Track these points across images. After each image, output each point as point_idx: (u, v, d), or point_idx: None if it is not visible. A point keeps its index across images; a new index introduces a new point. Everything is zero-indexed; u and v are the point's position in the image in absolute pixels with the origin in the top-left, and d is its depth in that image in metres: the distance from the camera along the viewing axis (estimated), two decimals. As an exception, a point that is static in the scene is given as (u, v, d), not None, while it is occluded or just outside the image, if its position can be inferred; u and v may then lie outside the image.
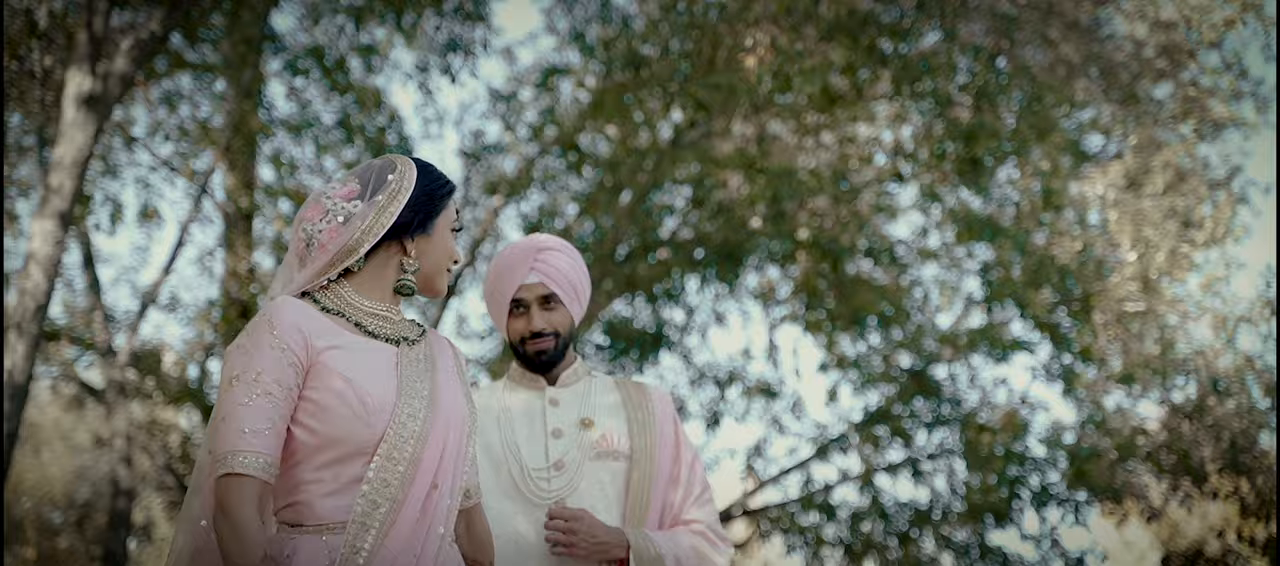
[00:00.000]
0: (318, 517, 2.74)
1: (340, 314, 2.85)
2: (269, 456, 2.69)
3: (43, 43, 10.97)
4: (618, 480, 3.67)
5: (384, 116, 12.41)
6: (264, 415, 2.69)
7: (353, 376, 2.76)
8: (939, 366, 12.69)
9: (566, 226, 12.47)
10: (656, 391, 3.83)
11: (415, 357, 2.88)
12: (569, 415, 3.72)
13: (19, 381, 9.34)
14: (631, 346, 12.12)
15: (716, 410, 12.87)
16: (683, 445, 3.77)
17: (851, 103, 11.36)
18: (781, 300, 12.90)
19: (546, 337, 3.69)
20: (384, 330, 2.88)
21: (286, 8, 12.12)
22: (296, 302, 2.81)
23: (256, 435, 2.68)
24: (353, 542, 2.69)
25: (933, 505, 12.46)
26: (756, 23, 10.09)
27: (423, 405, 2.80)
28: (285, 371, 2.72)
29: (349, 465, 2.75)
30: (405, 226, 2.87)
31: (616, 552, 3.55)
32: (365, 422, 2.74)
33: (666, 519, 3.71)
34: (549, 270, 3.68)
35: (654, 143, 11.80)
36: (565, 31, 12.35)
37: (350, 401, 2.74)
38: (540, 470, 3.64)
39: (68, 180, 9.51)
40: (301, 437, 2.75)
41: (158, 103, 12.53)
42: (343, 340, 2.80)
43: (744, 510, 13.40)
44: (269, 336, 2.73)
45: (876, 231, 12.54)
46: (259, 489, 2.68)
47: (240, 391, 2.70)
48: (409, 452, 2.75)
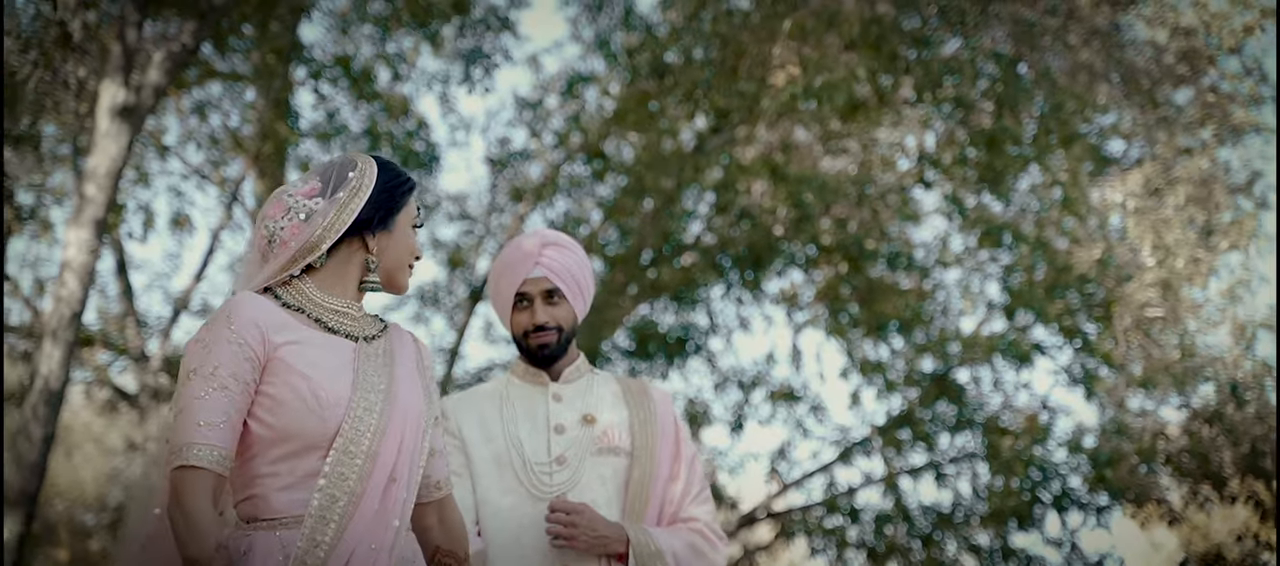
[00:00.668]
0: (273, 511, 2.78)
1: (300, 309, 2.89)
2: (223, 449, 2.73)
3: (77, 54, 11.16)
4: (618, 476, 3.71)
5: (411, 123, 12.57)
6: (219, 408, 2.73)
7: (308, 371, 2.79)
8: (961, 370, 12.77)
9: (592, 232, 12.60)
10: (657, 390, 3.88)
11: (374, 353, 2.91)
12: (572, 411, 3.75)
13: (54, 387, 9.53)
14: (656, 351, 12.23)
15: (741, 414, 12.97)
16: (683, 443, 3.80)
17: (875, 109, 11.45)
18: (805, 305, 13.00)
19: (549, 331, 3.72)
20: (344, 326, 2.91)
21: (315, 18, 12.29)
22: (256, 298, 2.85)
23: (211, 428, 2.72)
24: (312, 536, 2.72)
25: (955, 508, 12.54)
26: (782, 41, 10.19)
27: (379, 399, 2.84)
28: (242, 366, 2.75)
29: (304, 459, 2.78)
30: (366, 223, 2.91)
31: (616, 547, 3.59)
32: (319, 417, 2.77)
33: (665, 516, 3.75)
34: (553, 265, 3.72)
35: (678, 149, 11.91)
36: (590, 39, 12.50)
37: (304, 396, 2.77)
38: (542, 464, 3.68)
39: (102, 189, 9.69)
40: (258, 431, 2.78)
41: (189, 112, 12.72)
42: (300, 335, 2.84)
43: (768, 512, 13.50)
44: (226, 331, 2.77)
45: (901, 236, 12.64)
46: (213, 481, 2.71)
47: (196, 385, 2.74)
48: (366, 446, 2.78)
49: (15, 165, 12.09)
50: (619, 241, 12.34)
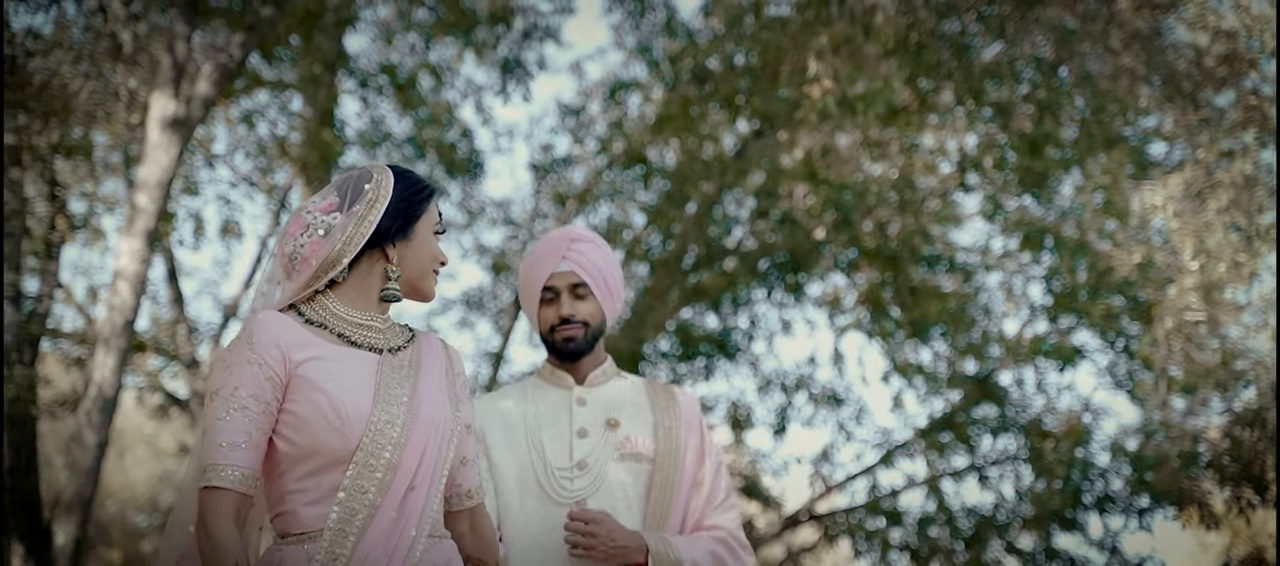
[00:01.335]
0: (302, 526, 2.79)
1: (323, 325, 2.89)
2: (245, 469, 2.75)
3: (128, 65, 11.35)
4: (640, 482, 3.66)
5: (455, 131, 12.71)
6: (240, 429, 2.75)
7: (329, 387, 2.80)
8: (1004, 373, 12.81)
9: (635, 237, 12.71)
10: (684, 395, 3.82)
11: (398, 364, 2.91)
12: (596, 415, 3.71)
13: (108, 395, 9.71)
14: (697, 353, 12.32)
15: (784, 416, 13.04)
16: (708, 450, 3.75)
17: (914, 113, 11.50)
18: (847, 309, 13.05)
19: (575, 325, 3.69)
20: (367, 339, 2.91)
21: (360, 28, 12.44)
22: (277, 316, 2.86)
23: (233, 449, 2.74)
24: (331, 549, 2.74)
25: (997, 510, 12.57)
26: (820, 55, 10.26)
27: (402, 411, 2.84)
28: (262, 386, 2.77)
29: (328, 474, 2.79)
30: (385, 233, 2.91)
31: (635, 556, 3.53)
32: (340, 432, 2.78)
33: (689, 523, 3.69)
34: (580, 259, 3.70)
35: (719, 154, 12.00)
36: (633, 46, 12.60)
37: (325, 412, 2.78)
38: (564, 469, 3.64)
39: (153, 200, 9.88)
40: (283, 449, 2.81)
41: (237, 121, 12.90)
42: (322, 351, 2.84)
43: (811, 515, 13.56)
44: (247, 352, 2.79)
45: (942, 238, 12.69)
46: (236, 501, 2.75)
47: (219, 406, 2.77)
48: (387, 458, 2.79)
49: (68, 174, 12.30)
50: (661, 246, 12.43)
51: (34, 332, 11.29)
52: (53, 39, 11.87)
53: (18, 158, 11.65)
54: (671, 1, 12.25)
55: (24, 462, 10.79)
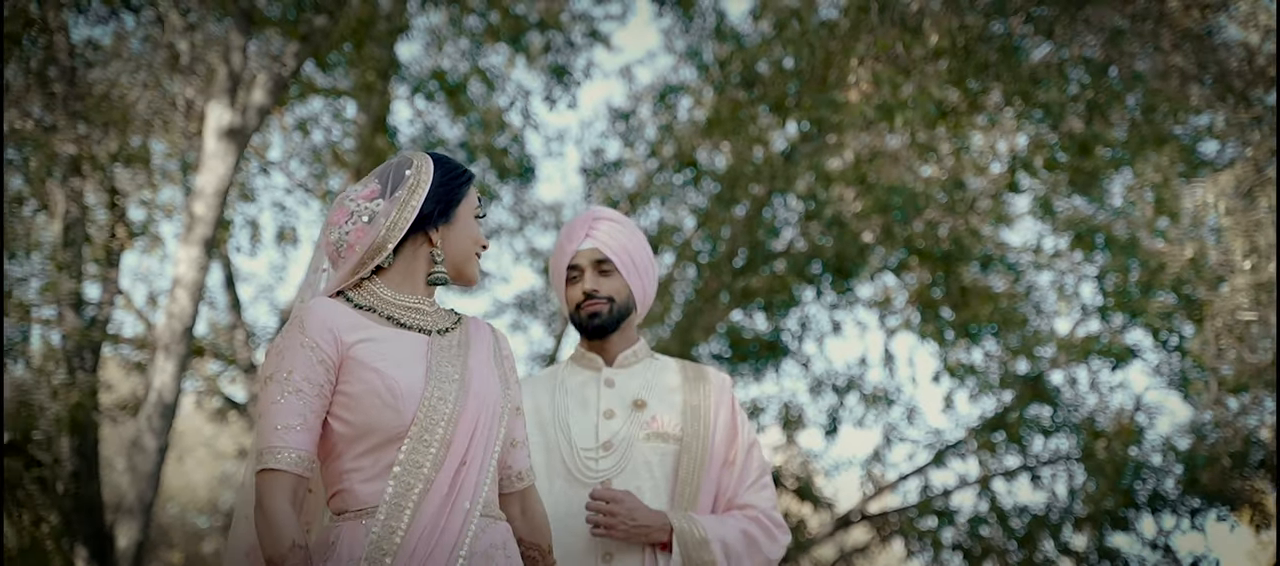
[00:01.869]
0: (360, 502, 2.83)
1: (372, 309, 2.94)
2: (300, 451, 2.80)
3: (184, 75, 11.54)
4: (666, 463, 3.64)
5: (506, 136, 12.83)
6: (295, 412, 2.80)
7: (381, 366, 2.84)
8: (1056, 372, 12.80)
9: (685, 240, 12.78)
10: (716, 375, 3.78)
11: (448, 344, 2.95)
12: (623, 396, 3.69)
13: (168, 401, 9.89)
14: (749, 355, 12.38)
15: (835, 417, 13.08)
16: (740, 430, 3.71)
17: (964, 113, 11.52)
18: (897, 310, 13.08)
19: (599, 300, 3.67)
20: (416, 321, 2.96)
21: (412, 35, 12.58)
22: (328, 302, 2.92)
23: (288, 431, 2.79)
24: (388, 522, 2.77)
25: (1049, 510, 12.57)
26: (861, 61, 10.30)
27: (453, 388, 2.88)
28: (314, 369, 2.82)
29: (385, 452, 2.83)
30: (428, 218, 2.96)
31: (658, 535, 3.52)
32: (395, 409, 2.82)
33: (721, 503, 3.66)
34: (603, 237, 3.68)
35: (768, 157, 12.06)
36: (682, 50, 12.68)
37: (379, 390, 2.82)
38: (589, 450, 3.63)
39: (210, 208, 10.05)
40: (339, 430, 2.85)
41: (292, 128, 13.07)
42: (373, 333, 2.89)
43: (863, 515, 13.60)
44: (299, 336, 2.84)
45: (993, 237, 12.70)
46: (292, 482, 2.79)
47: (273, 390, 2.82)
48: (440, 434, 2.83)
49: (127, 182, 12.50)
50: (711, 250, 12.50)
51: (95, 339, 11.49)
52: (112, 50, 12.09)
53: (78, 167, 11.87)
54: (721, 6, 12.33)
55: (87, 467, 10.99)
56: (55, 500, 10.97)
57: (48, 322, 12.05)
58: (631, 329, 3.77)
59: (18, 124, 11.62)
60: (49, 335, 12.29)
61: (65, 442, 10.96)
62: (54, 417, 10.75)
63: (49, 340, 12.26)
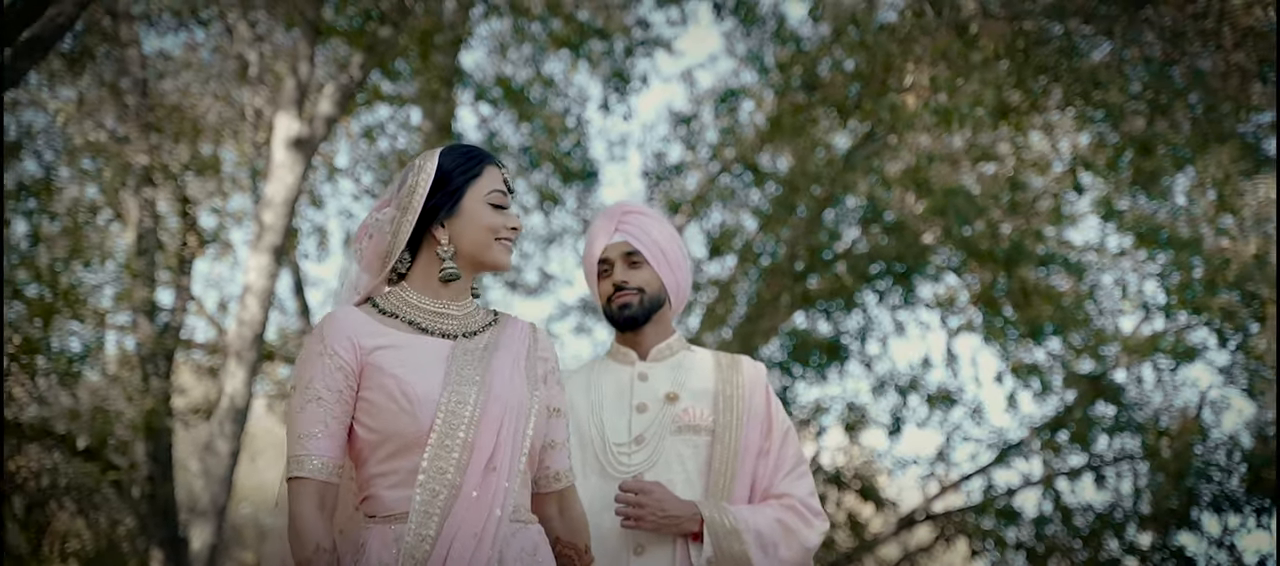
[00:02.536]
0: (386, 508, 2.84)
1: (395, 314, 2.94)
2: (323, 457, 2.82)
3: (253, 85, 11.77)
4: (699, 455, 3.61)
5: (569, 141, 12.97)
6: (316, 419, 2.82)
7: (399, 372, 2.85)
8: (1120, 371, 12.79)
9: (746, 242, 12.87)
10: (749, 365, 3.75)
11: (473, 348, 2.93)
12: (656, 389, 3.67)
13: (239, 406, 10.11)
14: (810, 359, 12.44)
15: (898, 417, 13.11)
16: (775, 419, 3.69)
17: (1023, 113, 11.53)
18: (959, 308, 13.10)
19: (629, 291, 3.65)
20: (437, 325, 2.94)
21: (475, 42, 12.75)
22: (348, 310, 2.93)
23: (310, 438, 2.82)
24: (418, 531, 2.77)
25: (1113, 508, 12.56)
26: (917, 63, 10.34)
27: (473, 390, 2.86)
28: (333, 376, 2.84)
29: (407, 457, 2.84)
30: (433, 213, 2.94)
31: (688, 526, 3.49)
32: (411, 415, 2.82)
33: (757, 492, 3.63)
34: (633, 229, 3.68)
35: (830, 159, 12.13)
36: (743, 54, 12.77)
37: (396, 396, 2.83)
38: (622, 445, 3.62)
39: (278, 217, 10.25)
40: (363, 436, 2.87)
41: (358, 136, 13.27)
42: (393, 339, 2.90)
43: (927, 515, 13.64)
44: (319, 345, 2.87)
45: (1056, 236, 12.70)
46: (317, 488, 2.81)
47: (295, 401, 2.86)
48: (462, 437, 2.82)
49: (198, 190, 12.75)
50: (772, 254, 12.58)
51: (168, 345, 11.72)
52: (182, 60, 12.34)
53: (150, 177, 12.11)
54: (781, 9, 12.40)
55: (161, 471, 11.23)
56: (131, 503, 11.21)
57: (122, 329, 12.31)
58: (666, 321, 3.74)
59: (92, 136, 11.89)
60: (124, 341, 12.57)
61: (140, 447, 11.20)
62: (129, 423, 10.99)
63: (124, 346, 12.53)
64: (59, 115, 11.80)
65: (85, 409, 11.08)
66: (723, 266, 13.28)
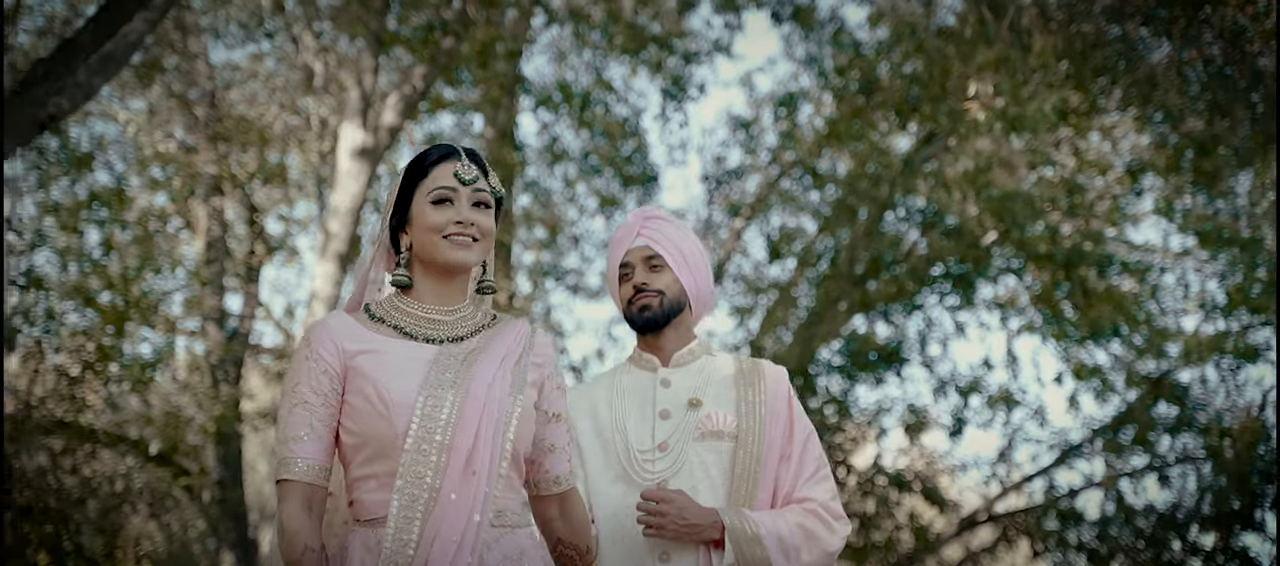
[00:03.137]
0: (368, 511, 2.86)
1: (383, 320, 2.94)
2: (310, 460, 2.84)
3: (319, 95, 11.96)
4: (722, 461, 3.61)
5: (629, 146, 13.07)
6: (302, 423, 2.85)
7: (377, 377, 2.85)
8: (1183, 371, 12.76)
9: (806, 245, 12.93)
10: (772, 369, 3.74)
11: (457, 352, 2.92)
12: (679, 396, 3.67)
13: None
14: (868, 364, 12.48)
15: (960, 418, 13.13)
16: (797, 423, 3.68)
17: (1083, 115, 11.53)
18: (1021, 309, 13.09)
19: (650, 293, 3.65)
20: (423, 331, 2.94)
21: (536, 50, 12.90)
22: (337, 316, 2.97)
23: (296, 441, 2.84)
24: (399, 535, 2.78)
25: (1175, 509, 12.53)
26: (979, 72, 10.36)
27: (451, 394, 2.84)
28: (319, 380, 2.86)
29: (384, 461, 2.84)
30: (398, 226, 2.98)
31: (710, 533, 3.49)
32: (386, 418, 2.82)
33: (779, 497, 3.63)
34: (654, 233, 3.68)
35: (889, 163, 12.17)
36: (802, 57, 12.83)
37: (372, 399, 2.84)
38: (645, 451, 3.62)
39: (344, 226, 10.43)
40: (346, 440, 2.88)
41: (420, 143, 13.44)
42: (376, 344, 2.90)
43: (989, 515, 13.65)
44: (305, 350, 2.90)
45: (1119, 236, 12.69)
46: (304, 490, 2.83)
47: (283, 406, 2.89)
48: (439, 441, 2.81)
49: (265, 198, 12.97)
50: (831, 257, 12.63)
51: (237, 351, 11.93)
52: (248, 70, 12.56)
53: (219, 186, 12.33)
54: (840, 12, 12.46)
55: (231, 475, 11.43)
56: (202, 507, 11.42)
57: (192, 335, 12.55)
58: (687, 327, 3.74)
59: (162, 146, 12.12)
60: (194, 348, 12.80)
61: (211, 451, 11.40)
62: (200, 428, 11.19)
63: (194, 352, 12.76)
64: (130, 126, 12.05)
65: (157, 414, 11.29)
66: (784, 269, 13.35)
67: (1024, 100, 10.32)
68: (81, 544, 11.11)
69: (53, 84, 6.78)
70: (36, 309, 10.56)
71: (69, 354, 10.68)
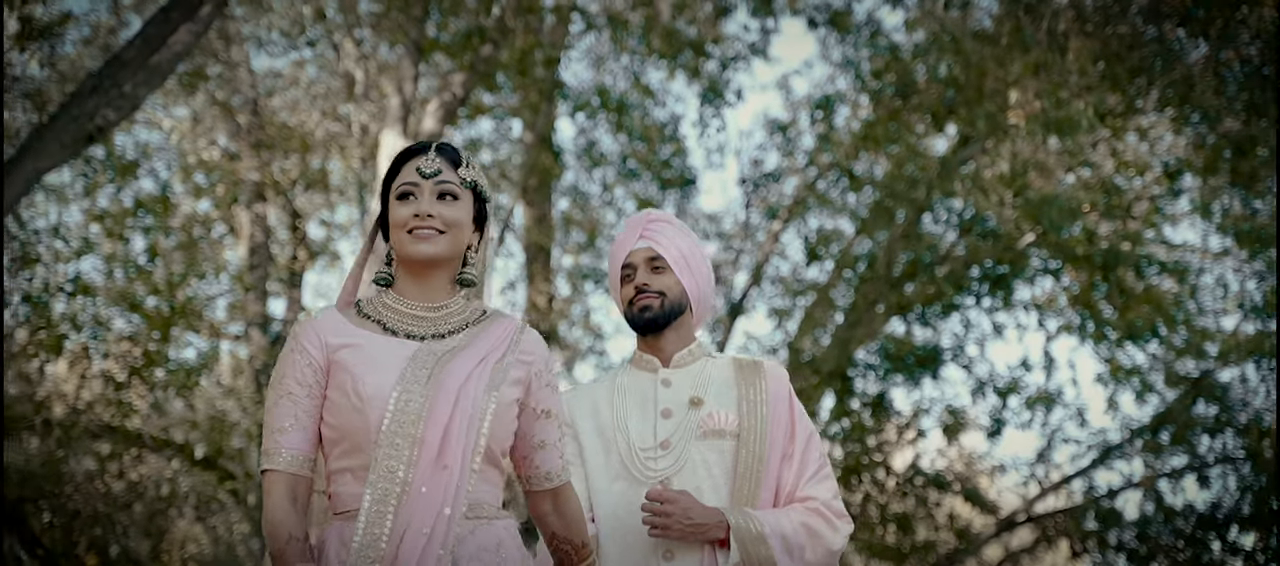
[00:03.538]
0: (344, 505, 2.90)
1: (369, 316, 2.99)
2: (294, 451, 2.89)
3: (359, 102, 12.09)
4: (725, 459, 3.63)
5: (667, 149, 13.14)
6: (287, 414, 2.90)
7: (355, 371, 2.89)
8: (1223, 371, 12.74)
9: (844, 247, 12.97)
10: (772, 368, 3.77)
11: (437, 349, 2.95)
12: (680, 395, 3.69)
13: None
14: (905, 368, 12.51)
15: (999, 419, 13.13)
16: (798, 422, 3.70)
17: (1120, 115, 11.54)
18: (1058, 310, 13.09)
19: (651, 294, 3.68)
20: (406, 327, 2.97)
21: (574, 55, 12.99)
22: (329, 311, 3.01)
23: (281, 433, 2.89)
24: (369, 529, 2.80)
25: (1215, 508, 12.52)
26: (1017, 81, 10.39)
27: (420, 390, 2.86)
28: (304, 372, 2.91)
29: (358, 455, 2.88)
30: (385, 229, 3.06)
31: (714, 533, 3.51)
32: (360, 413, 2.86)
33: (782, 496, 3.65)
34: (657, 236, 3.71)
35: (925, 165, 12.20)
36: (839, 60, 12.87)
37: (348, 392, 2.88)
38: (647, 450, 3.64)
39: (386, 232, 10.54)
40: (325, 433, 2.93)
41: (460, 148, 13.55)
42: (359, 339, 2.94)
43: (1028, 516, 13.66)
44: (292, 342, 2.95)
45: (1158, 237, 12.69)
46: (288, 481, 2.88)
47: (270, 397, 2.94)
48: (412, 435, 2.84)
49: (306, 204, 13.10)
50: (867, 258, 12.66)
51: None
52: (290, 77, 12.70)
53: (261, 192, 12.47)
54: (876, 16, 12.49)
55: (275, 478, 11.54)
56: (246, 510, 11.55)
57: (236, 339, 12.69)
58: (687, 329, 3.77)
59: (205, 153, 12.27)
60: (237, 352, 12.94)
61: (255, 455, 11.53)
62: (244, 431, 11.32)
63: (237, 357, 12.91)
64: (174, 134, 12.21)
65: (202, 419, 11.43)
66: (821, 271, 13.40)
67: (1063, 103, 10.35)
68: (128, 546, 11.26)
69: (101, 97, 6.91)
70: (83, 315, 10.72)
71: (115, 359, 10.83)
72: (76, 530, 10.91)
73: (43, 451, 10.62)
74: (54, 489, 10.65)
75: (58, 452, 10.50)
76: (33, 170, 6.94)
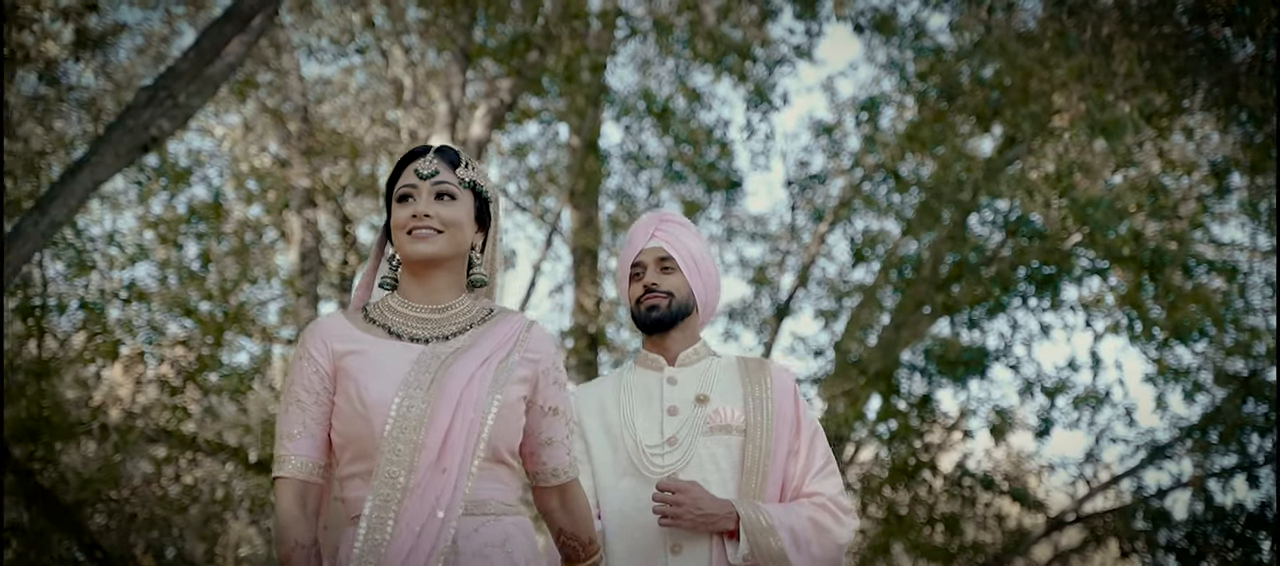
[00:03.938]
0: (354, 509, 2.93)
1: (375, 320, 3.01)
2: (303, 457, 2.93)
3: (407, 108, 12.21)
4: (732, 454, 3.67)
5: (713, 152, 13.20)
6: (296, 421, 2.94)
7: (360, 377, 2.92)
8: (1272, 370, 12.68)
9: (889, 249, 12.99)
10: (776, 367, 3.81)
11: (441, 351, 2.96)
12: (686, 392, 3.73)
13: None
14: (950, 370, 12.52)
15: (1047, 419, 13.12)
16: (803, 419, 3.74)
17: (1167, 115, 11.52)
18: (1106, 308, 13.07)
19: (659, 294, 3.72)
20: (410, 330, 3.00)
21: (620, 58, 13.06)
22: (333, 316, 3.05)
23: (290, 439, 2.93)
24: (370, 534, 2.83)
25: (1265, 508, 12.48)
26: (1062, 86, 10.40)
27: (422, 393, 2.88)
28: (312, 379, 2.94)
29: (364, 461, 2.91)
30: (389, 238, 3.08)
31: (724, 524, 3.55)
32: (364, 419, 2.89)
33: (788, 492, 3.69)
34: (668, 236, 3.75)
35: (970, 167, 12.22)
36: (883, 61, 12.90)
37: (353, 399, 2.91)
38: (654, 446, 3.68)
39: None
40: (335, 440, 2.96)
41: (507, 152, 13.67)
42: (364, 345, 2.97)
43: (1077, 516, 13.64)
44: (301, 350, 2.99)
45: (1206, 236, 12.66)
46: (297, 487, 2.92)
47: (281, 404, 2.99)
48: (412, 440, 2.86)
49: (356, 208, 13.24)
50: (912, 266, 12.67)
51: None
52: (339, 84, 12.85)
53: (312, 198, 12.61)
54: (919, 18, 12.51)
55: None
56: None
57: (288, 344, 12.83)
58: (693, 329, 3.81)
59: (257, 160, 12.43)
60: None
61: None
62: (297, 435, 11.42)
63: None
64: (226, 141, 12.37)
65: (255, 422, 11.57)
66: (867, 273, 13.43)
67: (1108, 105, 10.35)
68: (184, 549, 11.42)
69: (156, 108, 7.05)
70: (138, 320, 10.88)
71: (170, 364, 10.99)
72: (133, 533, 11.08)
73: (100, 455, 10.79)
74: (111, 492, 10.82)
75: (114, 457, 10.67)
76: (90, 181, 7.08)
